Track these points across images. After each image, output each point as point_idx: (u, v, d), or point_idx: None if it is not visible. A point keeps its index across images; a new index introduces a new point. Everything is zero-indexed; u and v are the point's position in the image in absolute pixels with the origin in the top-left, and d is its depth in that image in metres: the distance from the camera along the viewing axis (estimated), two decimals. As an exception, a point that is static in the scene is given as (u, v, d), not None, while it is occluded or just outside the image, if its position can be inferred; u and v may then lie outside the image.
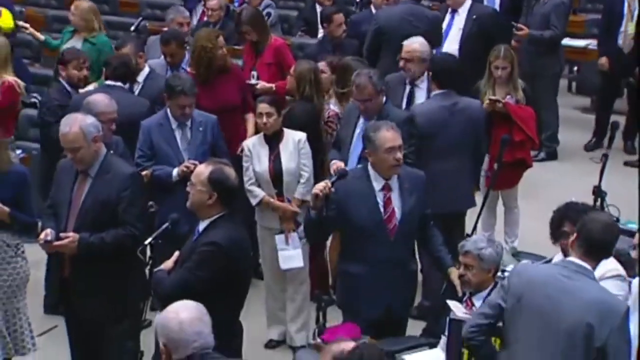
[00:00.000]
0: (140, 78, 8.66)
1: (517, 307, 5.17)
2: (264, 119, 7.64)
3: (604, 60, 11.51)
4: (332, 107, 8.38)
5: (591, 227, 5.18)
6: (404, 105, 8.32)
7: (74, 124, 6.36)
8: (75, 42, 9.84)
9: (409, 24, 9.65)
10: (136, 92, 8.54)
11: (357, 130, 7.65)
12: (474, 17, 10.33)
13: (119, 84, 8.14)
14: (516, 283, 5.22)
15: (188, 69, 8.85)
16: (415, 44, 8.45)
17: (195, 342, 4.64)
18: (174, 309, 4.74)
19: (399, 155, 6.41)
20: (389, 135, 6.40)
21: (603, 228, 5.20)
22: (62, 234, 6.31)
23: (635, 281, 5.62)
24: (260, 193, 7.70)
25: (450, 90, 7.96)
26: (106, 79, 8.22)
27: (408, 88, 8.44)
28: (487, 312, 5.34)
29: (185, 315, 4.68)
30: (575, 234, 5.27)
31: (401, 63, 8.43)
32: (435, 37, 9.89)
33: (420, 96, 8.39)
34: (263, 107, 7.66)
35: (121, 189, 6.34)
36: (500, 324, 5.33)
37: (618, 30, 11.42)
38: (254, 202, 7.74)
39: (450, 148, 7.83)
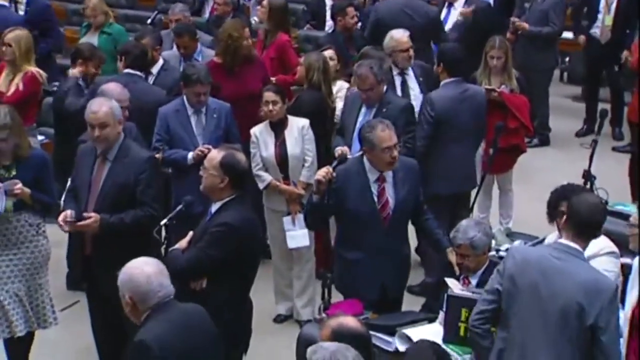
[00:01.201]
0: (155, 70, 8.68)
1: (513, 288, 5.13)
2: (270, 107, 7.66)
3: (582, 39, 11.44)
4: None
5: (579, 209, 5.16)
6: (399, 95, 8.30)
7: (104, 103, 6.41)
8: (92, 35, 9.84)
9: (408, 17, 9.65)
10: (150, 83, 8.54)
11: (360, 118, 7.66)
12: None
13: (138, 73, 8.14)
14: (511, 265, 5.18)
15: (200, 60, 8.87)
16: (406, 34, 8.45)
17: (160, 292, 4.80)
18: (137, 265, 4.87)
19: (395, 153, 6.37)
20: (384, 135, 6.33)
21: (590, 208, 5.17)
22: (85, 214, 6.34)
23: (635, 260, 5.60)
24: (267, 177, 7.72)
25: (459, 78, 8.01)
26: (125, 67, 8.20)
27: (400, 78, 8.44)
28: (489, 298, 5.27)
29: (149, 269, 4.83)
30: (564, 217, 5.27)
31: (402, 55, 8.38)
32: (433, 32, 9.88)
33: (413, 83, 8.42)
34: (269, 95, 7.68)
35: (138, 172, 6.36)
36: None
37: (593, 22, 11.38)
38: (261, 186, 7.76)
39: (462, 133, 7.89)
